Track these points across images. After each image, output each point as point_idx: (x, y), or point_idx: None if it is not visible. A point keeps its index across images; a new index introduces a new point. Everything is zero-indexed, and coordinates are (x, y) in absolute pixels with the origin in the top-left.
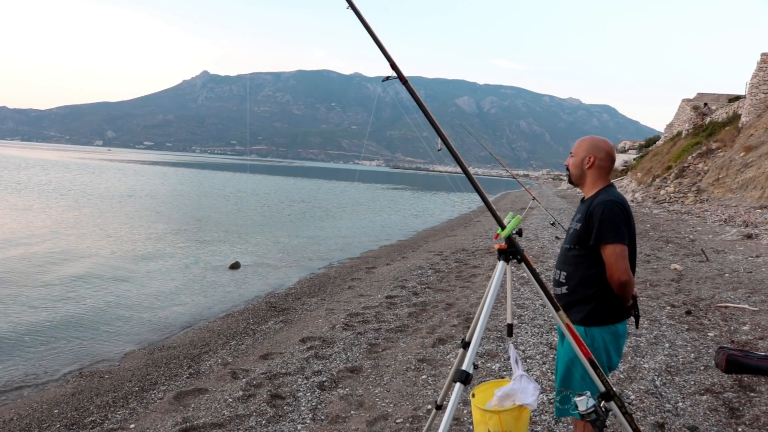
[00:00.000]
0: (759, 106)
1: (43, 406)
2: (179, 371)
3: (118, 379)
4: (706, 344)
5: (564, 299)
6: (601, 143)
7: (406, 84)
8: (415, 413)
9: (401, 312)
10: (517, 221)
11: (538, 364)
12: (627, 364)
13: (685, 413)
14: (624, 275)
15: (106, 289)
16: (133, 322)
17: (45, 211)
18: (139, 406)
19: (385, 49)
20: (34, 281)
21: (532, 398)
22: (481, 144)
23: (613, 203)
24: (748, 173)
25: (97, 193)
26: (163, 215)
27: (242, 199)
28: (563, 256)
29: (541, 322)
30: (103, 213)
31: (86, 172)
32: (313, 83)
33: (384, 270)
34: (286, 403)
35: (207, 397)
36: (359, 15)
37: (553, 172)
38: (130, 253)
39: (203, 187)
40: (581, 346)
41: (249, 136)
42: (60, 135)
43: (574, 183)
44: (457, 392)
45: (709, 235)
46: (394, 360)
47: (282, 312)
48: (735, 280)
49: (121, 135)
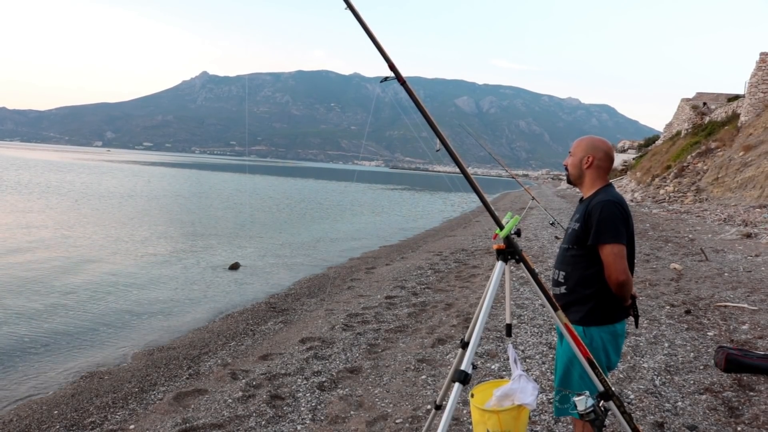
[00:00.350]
0: (758, 106)
1: (43, 407)
2: (179, 372)
3: (117, 380)
4: (706, 343)
5: (563, 299)
6: (600, 143)
7: (405, 85)
8: (414, 413)
9: (401, 312)
10: (515, 221)
11: (537, 363)
12: (626, 364)
13: (684, 412)
14: (622, 275)
15: (105, 290)
16: (132, 323)
17: (44, 212)
18: (138, 407)
19: (384, 50)
20: (33, 283)
21: (531, 398)
22: (481, 144)
23: (612, 203)
24: (747, 172)
25: (97, 193)
26: (162, 216)
27: (241, 200)
28: (562, 256)
29: (541, 321)
30: (102, 214)
31: (85, 172)
32: (312, 84)
33: (383, 270)
34: (285, 404)
35: (207, 398)
36: (357, 16)
37: (553, 171)
38: (129, 254)
39: (202, 187)
40: (580, 346)
41: (249, 137)
42: (59, 136)
43: (572, 183)
44: (456, 392)
45: (708, 234)
46: (393, 360)
47: (281, 312)
48: (734, 279)
49: (120, 136)
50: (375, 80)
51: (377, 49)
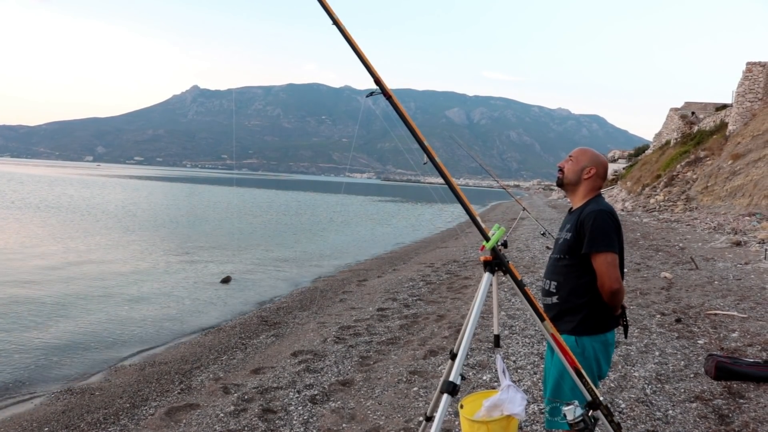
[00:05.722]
0: (745, 115)
1: (33, 423)
2: (170, 387)
3: (108, 396)
4: (696, 352)
5: (554, 309)
6: (603, 159)
7: (390, 99)
8: (406, 425)
9: (392, 324)
10: (501, 233)
11: (529, 374)
12: (617, 373)
13: (675, 421)
14: (615, 284)
15: (95, 304)
16: (123, 338)
17: (36, 226)
18: (130, 423)
19: (369, 64)
20: (23, 298)
21: (520, 408)
22: (471, 155)
23: (603, 212)
24: (736, 181)
25: (86, 208)
26: (152, 230)
27: (232, 213)
28: (552, 266)
29: (532, 332)
30: (90, 228)
31: (75, 187)
32: (303, 96)
33: (375, 282)
34: (277, 417)
35: (198, 413)
36: (343, 31)
37: (544, 182)
38: (121, 268)
39: (193, 201)
40: (567, 356)
41: (239, 150)
42: (50, 151)
43: (564, 186)
44: (445, 403)
45: (698, 243)
46: (385, 372)
47: (273, 326)
48: (724, 287)
49: (111, 150)
50: (366, 93)
51: (363, 63)
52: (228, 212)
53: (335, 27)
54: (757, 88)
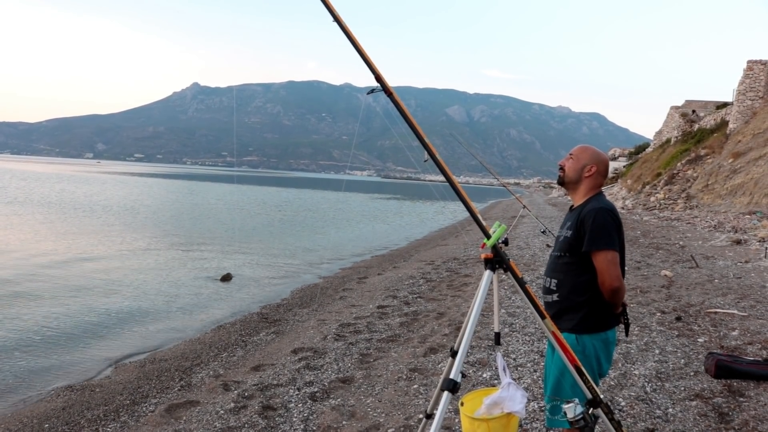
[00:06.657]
0: (746, 113)
1: (34, 420)
2: (171, 384)
3: (109, 393)
4: (696, 350)
5: (555, 307)
6: (604, 157)
7: (391, 96)
8: (406, 423)
9: (393, 322)
10: (502, 230)
11: (529, 372)
12: (618, 371)
13: (675, 419)
14: (616, 281)
15: (96, 301)
16: (124, 335)
17: (38, 222)
18: (130, 420)
19: (370, 61)
20: (24, 294)
21: (520, 406)
22: (471, 153)
23: (604, 210)
24: (736, 179)
25: (87, 204)
26: (153, 227)
27: (233, 210)
28: (553, 263)
29: (532, 330)
30: (91, 225)
31: (76, 184)
32: (303, 94)
33: (376, 280)
34: (277, 415)
35: (199, 410)
36: (344, 28)
37: (544, 180)
38: (121, 264)
39: (193, 198)
40: (567, 353)
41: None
42: (50, 148)
43: (564, 184)
44: (445, 401)
45: (698, 241)
46: (385, 370)
47: (273, 323)
48: (724, 285)
49: (111, 147)
50: (366, 90)
51: (363, 60)
52: (228, 209)
53: (336, 24)
54: (758, 86)
